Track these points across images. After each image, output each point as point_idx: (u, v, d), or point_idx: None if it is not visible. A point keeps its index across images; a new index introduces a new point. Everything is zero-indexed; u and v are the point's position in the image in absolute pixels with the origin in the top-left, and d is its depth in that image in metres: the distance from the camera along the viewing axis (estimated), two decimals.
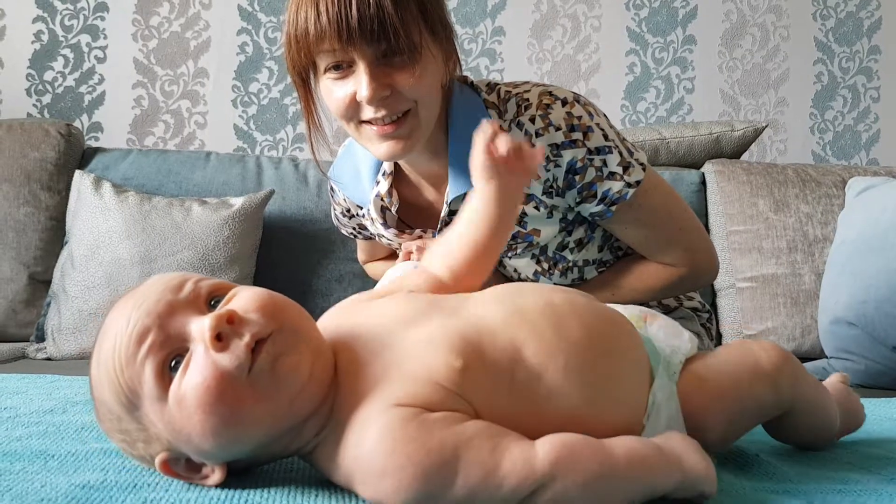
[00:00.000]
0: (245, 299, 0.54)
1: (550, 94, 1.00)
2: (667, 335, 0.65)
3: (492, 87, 1.04)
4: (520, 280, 1.12)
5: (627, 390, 0.58)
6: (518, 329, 0.56)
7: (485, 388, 0.54)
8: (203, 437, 0.51)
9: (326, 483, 0.56)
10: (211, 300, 0.54)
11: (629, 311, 0.68)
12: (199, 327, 0.51)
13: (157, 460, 0.54)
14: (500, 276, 1.14)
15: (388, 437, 0.49)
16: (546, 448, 0.50)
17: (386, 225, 1.10)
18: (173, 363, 0.51)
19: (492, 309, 0.59)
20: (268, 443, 0.53)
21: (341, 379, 0.54)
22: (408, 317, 0.59)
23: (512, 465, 0.48)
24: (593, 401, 0.56)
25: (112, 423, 0.55)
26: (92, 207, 1.67)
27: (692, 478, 0.53)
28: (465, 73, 1.06)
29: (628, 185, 1.00)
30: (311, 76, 0.95)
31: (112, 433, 0.56)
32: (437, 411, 0.51)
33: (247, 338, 0.50)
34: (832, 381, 0.80)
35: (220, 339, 0.50)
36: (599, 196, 1.01)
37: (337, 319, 0.62)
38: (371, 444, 0.50)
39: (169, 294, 0.53)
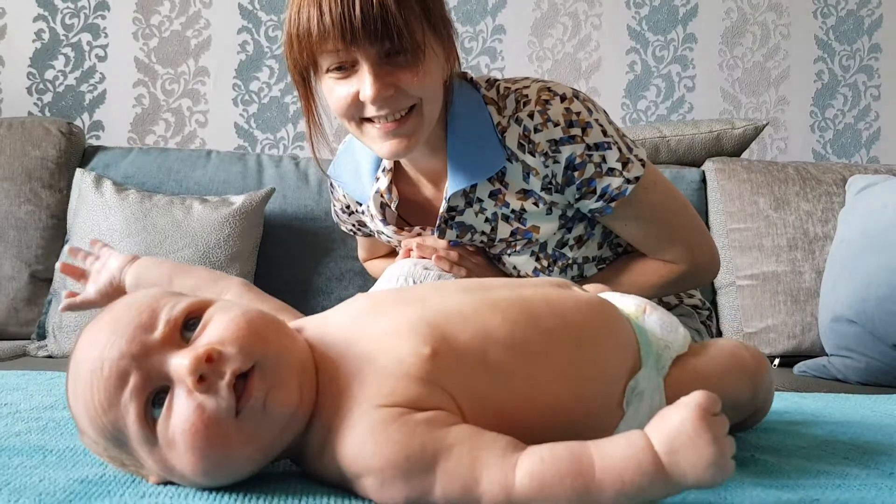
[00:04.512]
0: (221, 329, 0.51)
1: (549, 89, 1.00)
2: (662, 329, 0.65)
3: (491, 83, 1.03)
4: (519, 278, 1.12)
5: (606, 376, 0.58)
6: (491, 316, 0.56)
7: (458, 372, 0.53)
8: (196, 476, 0.51)
9: (321, 481, 0.56)
10: (188, 321, 0.53)
11: (629, 301, 0.68)
12: (178, 367, 0.49)
13: (150, 481, 0.54)
14: (500, 272, 1.14)
15: (370, 441, 0.49)
16: (524, 476, 0.47)
17: (385, 221, 1.10)
18: (155, 398, 0.50)
19: (460, 298, 0.59)
20: (259, 468, 0.53)
21: (319, 379, 0.54)
22: (368, 310, 0.59)
23: (489, 486, 0.48)
24: (568, 385, 0.56)
25: (100, 450, 0.54)
26: (93, 206, 1.68)
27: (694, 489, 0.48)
28: (464, 70, 1.07)
29: (627, 181, 1.00)
30: (312, 75, 0.95)
31: (101, 456, 0.56)
32: (419, 408, 0.51)
33: (227, 376, 0.49)
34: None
35: (203, 380, 0.48)
36: (599, 192, 1.00)
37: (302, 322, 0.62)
38: (355, 448, 0.50)
39: (142, 333, 0.51)
